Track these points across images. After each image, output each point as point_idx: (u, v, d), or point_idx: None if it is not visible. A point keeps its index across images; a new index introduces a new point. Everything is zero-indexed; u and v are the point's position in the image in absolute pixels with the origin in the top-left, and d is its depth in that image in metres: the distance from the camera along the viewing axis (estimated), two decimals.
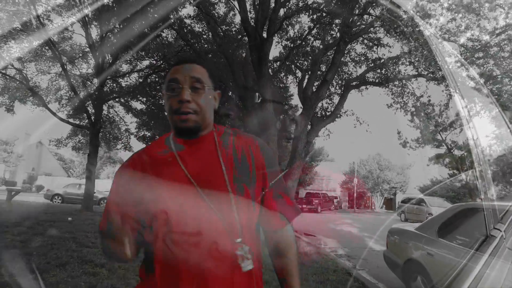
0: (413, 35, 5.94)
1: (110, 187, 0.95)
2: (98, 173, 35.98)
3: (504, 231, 2.53)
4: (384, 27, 6.90)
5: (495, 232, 2.60)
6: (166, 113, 0.97)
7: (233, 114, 9.26)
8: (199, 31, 10.62)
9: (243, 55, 9.85)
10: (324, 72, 9.20)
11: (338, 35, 8.55)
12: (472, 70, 8.15)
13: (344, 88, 9.51)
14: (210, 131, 1.00)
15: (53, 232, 5.74)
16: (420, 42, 6.07)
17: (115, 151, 26.82)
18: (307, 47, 9.83)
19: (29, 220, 6.92)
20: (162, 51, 11.75)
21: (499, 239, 2.51)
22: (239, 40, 10.41)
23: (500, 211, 2.76)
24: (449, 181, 22.55)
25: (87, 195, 11.58)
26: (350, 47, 9.92)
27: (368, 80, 10.01)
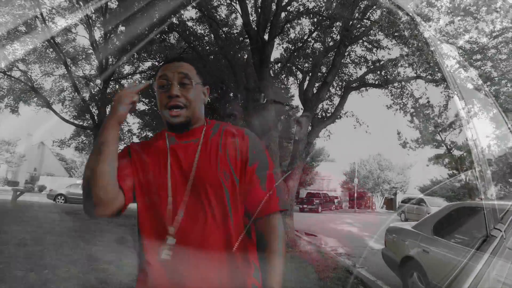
0: (411, 38, 6.07)
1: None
2: None
3: (504, 231, 2.57)
4: (383, 31, 7.01)
5: (496, 232, 2.63)
6: (158, 109, 1.04)
7: (238, 114, 9.38)
8: (201, 33, 10.75)
9: (245, 57, 9.97)
10: (325, 74, 9.29)
11: (339, 38, 8.67)
12: (471, 72, 8.26)
13: (344, 90, 9.60)
14: (201, 125, 1.06)
15: (61, 231, 5.90)
16: (419, 46, 6.19)
17: (118, 152, 26.86)
18: (308, 49, 9.91)
19: (37, 220, 7.08)
20: (165, 53, 11.90)
21: (499, 239, 2.54)
22: (241, 42, 10.54)
23: (500, 211, 2.79)
24: (449, 181, 22.63)
25: None
26: (350, 49, 10.00)
27: (368, 82, 10.10)
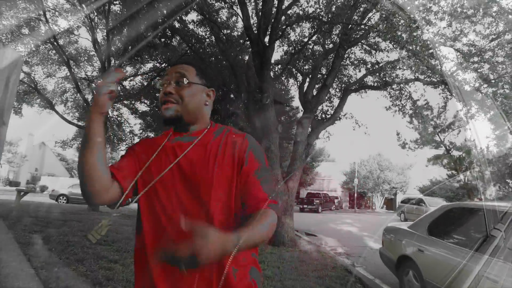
0: (408, 44, 6.19)
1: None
2: None
3: (504, 231, 2.61)
4: (380, 36, 7.14)
5: (495, 232, 2.68)
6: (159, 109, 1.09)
7: (239, 116, 9.51)
8: (202, 35, 10.88)
9: (246, 59, 10.09)
10: (325, 76, 9.41)
11: (338, 41, 8.79)
12: (469, 74, 8.39)
13: (344, 92, 9.73)
14: (204, 127, 1.07)
15: (66, 230, 6.04)
16: (415, 50, 6.31)
17: (120, 152, 27.10)
18: (308, 52, 10.02)
19: (42, 219, 7.22)
20: (166, 55, 12.05)
21: (499, 239, 2.59)
22: (241, 45, 10.66)
23: (500, 212, 2.82)
24: (448, 182, 22.75)
25: None
26: (350, 52, 10.11)
27: (367, 84, 10.23)
